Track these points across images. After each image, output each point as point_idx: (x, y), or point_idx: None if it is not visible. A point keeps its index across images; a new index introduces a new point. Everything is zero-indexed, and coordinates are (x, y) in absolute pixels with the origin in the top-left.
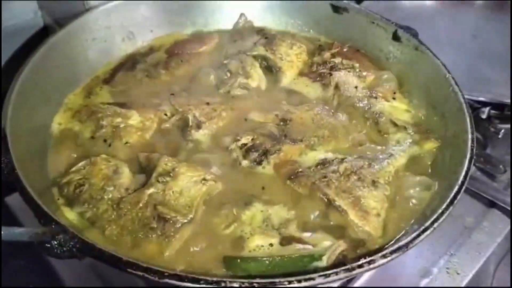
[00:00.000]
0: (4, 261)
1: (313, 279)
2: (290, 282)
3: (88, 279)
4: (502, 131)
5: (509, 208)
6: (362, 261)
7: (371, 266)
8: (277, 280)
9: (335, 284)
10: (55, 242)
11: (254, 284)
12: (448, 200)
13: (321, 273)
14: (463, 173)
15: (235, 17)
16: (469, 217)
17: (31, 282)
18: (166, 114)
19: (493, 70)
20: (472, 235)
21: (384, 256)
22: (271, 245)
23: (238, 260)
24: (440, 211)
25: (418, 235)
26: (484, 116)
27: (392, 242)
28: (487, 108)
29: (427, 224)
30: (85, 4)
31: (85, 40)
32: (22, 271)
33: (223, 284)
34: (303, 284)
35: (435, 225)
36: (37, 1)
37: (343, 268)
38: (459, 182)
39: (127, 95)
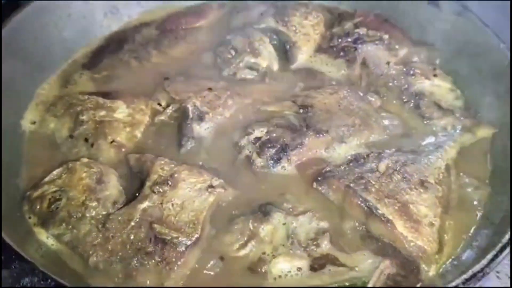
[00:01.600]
0: None
1: None
2: None
3: None
4: None
5: None
6: None
7: None
8: None
9: None
10: None
11: None
12: None
13: None
14: None
15: None
16: None
17: None
18: (160, 104)
19: None
20: None
21: None
22: (299, 269)
23: None
24: None
25: (496, 256)
26: None
27: (452, 260)
28: None
29: (504, 239)
30: None
31: (59, 17)
32: None
33: None
34: None
35: None
36: None
37: None
38: None
39: (112, 82)
